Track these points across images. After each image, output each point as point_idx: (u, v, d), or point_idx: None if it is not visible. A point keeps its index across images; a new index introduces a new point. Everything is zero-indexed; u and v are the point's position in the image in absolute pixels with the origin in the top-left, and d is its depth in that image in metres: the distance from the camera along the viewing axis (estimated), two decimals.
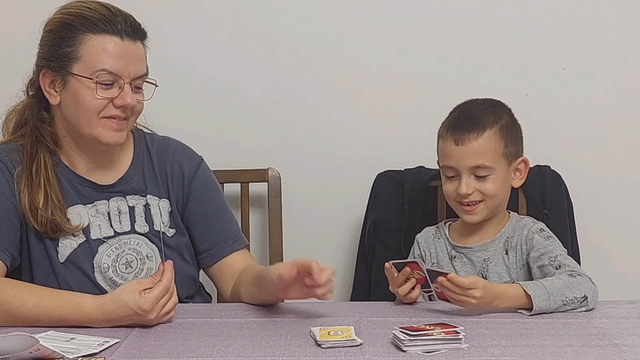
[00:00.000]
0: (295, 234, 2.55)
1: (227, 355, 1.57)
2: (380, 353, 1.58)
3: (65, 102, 1.92)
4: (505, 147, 2.04)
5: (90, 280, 1.95)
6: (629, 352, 1.58)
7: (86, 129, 1.92)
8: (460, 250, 2.10)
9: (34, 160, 1.94)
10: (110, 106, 1.90)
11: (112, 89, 1.90)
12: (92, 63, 1.88)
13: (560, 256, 1.96)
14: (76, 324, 1.76)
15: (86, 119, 1.91)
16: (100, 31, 1.89)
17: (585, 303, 1.84)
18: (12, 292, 1.79)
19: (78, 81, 1.89)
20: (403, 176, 2.40)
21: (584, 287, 1.86)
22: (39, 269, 1.95)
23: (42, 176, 1.92)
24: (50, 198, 1.91)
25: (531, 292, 1.81)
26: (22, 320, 1.77)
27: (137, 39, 1.93)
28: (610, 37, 2.49)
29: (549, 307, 1.82)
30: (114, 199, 2.01)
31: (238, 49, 2.53)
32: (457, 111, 2.10)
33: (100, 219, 1.99)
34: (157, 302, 1.74)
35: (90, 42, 1.88)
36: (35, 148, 1.95)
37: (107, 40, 1.89)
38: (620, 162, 2.52)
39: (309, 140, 2.56)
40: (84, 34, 1.89)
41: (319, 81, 2.54)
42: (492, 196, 2.03)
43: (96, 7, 1.92)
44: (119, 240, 1.99)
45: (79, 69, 1.89)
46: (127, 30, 1.91)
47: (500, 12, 2.50)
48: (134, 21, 1.94)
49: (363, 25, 2.52)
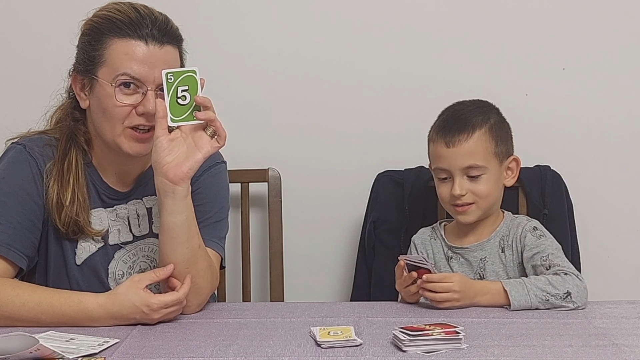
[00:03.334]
0: (295, 234, 2.55)
1: (227, 355, 1.58)
2: (380, 353, 1.58)
3: (93, 106, 1.90)
4: (495, 147, 2.06)
5: (103, 286, 1.94)
6: (629, 352, 1.58)
7: (109, 136, 1.89)
8: (456, 251, 2.11)
9: (66, 156, 1.92)
10: (133, 114, 1.86)
11: (135, 95, 1.85)
12: (115, 67, 1.84)
13: (552, 255, 1.98)
14: (79, 322, 1.76)
15: (110, 125, 1.87)
16: (124, 35, 1.84)
17: (569, 299, 1.87)
18: (13, 292, 1.78)
19: (101, 86, 1.86)
20: (403, 176, 2.40)
21: (568, 283, 1.89)
22: (53, 269, 1.93)
23: (72, 175, 1.90)
24: (77, 198, 1.89)
25: (508, 287, 1.87)
26: (23, 320, 1.76)
27: (165, 43, 1.87)
28: (610, 37, 2.49)
29: (530, 303, 1.86)
30: (132, 202, 1.99)
31: (237, 49, 2.53)
32: (446, 114, 2.13)
33: (120, 223, 1.97)
34: (165, 308, 1.75)
35: (114, 46, 1.85)
36: (69, 145, 1.93)
37: (130, 45, 1.84)
38: (620, 162, 2.52)
39: (309, 140, 2.56)
40: (109, 38, 1.86)
41: (319, 81, 2.54)
42: (485, 197, 2.04)
43: (126, 9, 1.88)
44: (135, 246, 1.99)
45: (103, 74, 1.86)
46: (153, 34, 1.85)
47: (501, 12, 2.50)
48: (164, 24, 1.88)
49: (363, 24, 2.52)
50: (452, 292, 1.86)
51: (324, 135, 2.56)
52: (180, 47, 1.94)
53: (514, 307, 1.86)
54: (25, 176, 1.89)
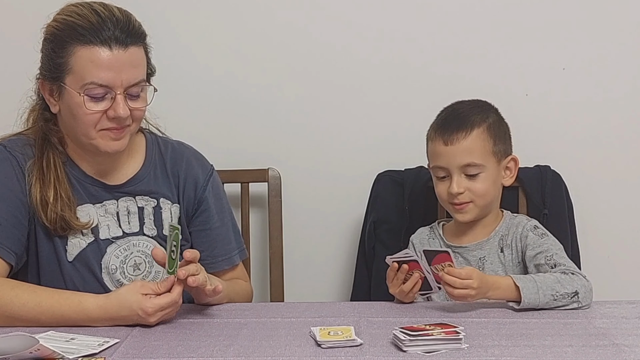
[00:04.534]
0: (295, 234, 2.55)
1: (227, 355, 1.58)
2: (380, 353, 1.58)
3: (64, 111, 1.90)
4: (494, 145, 2.06)
5: (97, 281, 1.95)
6: (629, 352, 1.58)
7: (85, 140, 1.90)
8: (455, 250, 2.11)
9: (43, 155, 1.92)
10: (104, 118, 1.85)
11: (104, 101, 1.84)
12: (82, 76, 1.82)
13: (556, 255, 1.98)
14: (77, 322, 1.77)
15: (83, 130, 1.88)
16: (87, 42, 1.81)
17: (576, 299, 1.86)
18: (12, 292, 1.79)
19: (69, 94, 1.85)
20: (403, 176, 2.40)
21: (576, 283, 1.88)
22: (46, 267, 1.94)
23: (52, 173, 1.91)
24: (60, 196, 1.90)
25: (520, 283, 1.86)
26: (23, 320, 1.77)
27: (129, 45, 1.84)
28: (610, 37, 2.49)
29: (539, 301, 1.85)
30: (123, 199, 1.99)
31: (237, 49, 2.53)
32: (444, 113, 2.13)
33: (109, 218, 1.98)
34: (161, 311, 1.75)
35: (79, 54, 1.82)
36: (44, 145, 1.93)
37: (94, 51, 1.81)
38: (620, 162, 2.52)
39: (309, 140, 2.56)
40: (71, 45, 1.83)
41: (319, 81, 2.54)
42: (483, 195, 2.05)
43: (86, 13, 1.85)
44: (127, 241, 1.99)
45: (70, 82, 1.84)
46: (117, 37, 1.82)
47: (501, 12, 2.50)
48: (125, 25, 1.85)
49: (363, 25, 2.51)
50: (470, 288, 1.84)
51: (324, 135, 2.56)
52: (145, 44, 1.91)
53: (524, 303, 1.84)
54: (8, 174, 1.91)
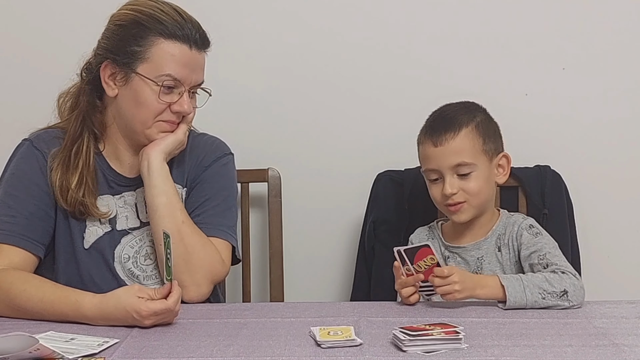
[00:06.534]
0: (295, 234, 2.55)
1: (227, 355, 1.58)
2: (380, 353, 1.58)
3: (124, 97, 1.95)
4: (483, 144, 2.07)
5: (109, 270, 2.00)
6: (629, 352, 1.58)
7: (139, 127, 1.96)
8: (453, 250, 2.11)
9: (75, 142, 1.98)
10: (167, 111, 1.94)
11: (172, 95, 1.94)
12: (159, 67, 1.91)
13: (549, 254, 1.98)
14: (75, 320, 1.79)
15: (142, 118, 1.94)
16: (171, 37, 1.92)
17: (565, 298, 1.87)
18: (22, 287, 1.84)
19: (142, 81, 1.92)
20: (403, 176, 2.40)
21: (565, 282, 1.89)
22: (62, 253, 2.00)
23: (81, 159, 1.97)
24: (85, 181, 1.96)
25: (505, 282, 1.87)
26: (29, 313, 1.83)
27: (202, 49, 1.97)
28: (610, 37, 2.49)
29: (526, 300, 1.86)
30: (140, 189, 2.03)
31: (237, 49, 2.53)
32: (432, 116, 2.15)
33: (127, 209, 2.03)
34: (155, 316, 1.75)
35: (160, 46, 1.92)
36: (81, 131, 1.98)
37: (177, 47, 1.92)
38: (620, 162, 2.52)
39: (309, 140, 2.56)
40: (155, 36, 1.92)
41: (319, 81, 2.54)
42: (476, 194, 2.05)
43: (169, 11, 1.94)
44: (143, 232, 2.03)
45: (144, 70, 1.92)
46: (196, 39, 1.94)
47: (500, 12, 2.50)
48: (202, 31, 1.97)
49: (363, 25, 2.52)
50: (452, 283, 1.86)
51: (324, 135, 2.56)
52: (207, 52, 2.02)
53: (510, 302, 1.86)
54: (33, 168, 1.98)
